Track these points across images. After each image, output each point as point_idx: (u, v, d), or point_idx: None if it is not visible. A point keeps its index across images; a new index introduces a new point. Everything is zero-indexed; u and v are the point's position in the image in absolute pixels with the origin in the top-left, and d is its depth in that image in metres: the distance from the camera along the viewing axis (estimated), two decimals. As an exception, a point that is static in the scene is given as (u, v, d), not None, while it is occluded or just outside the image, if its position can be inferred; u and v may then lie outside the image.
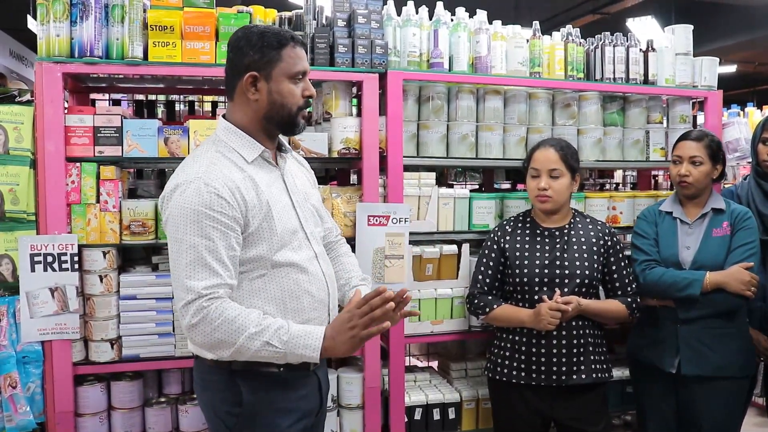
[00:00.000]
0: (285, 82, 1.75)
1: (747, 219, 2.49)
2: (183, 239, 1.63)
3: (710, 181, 2.54)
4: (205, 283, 1.62)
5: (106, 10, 2.40)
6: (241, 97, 1.78)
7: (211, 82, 2.90)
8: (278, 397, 1.77)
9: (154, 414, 2.58)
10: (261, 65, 1.73)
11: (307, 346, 1.65)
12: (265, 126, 1.80)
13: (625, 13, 8.98)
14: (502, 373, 2.46)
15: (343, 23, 2.69)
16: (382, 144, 2.66)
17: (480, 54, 2.82)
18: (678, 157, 2.55)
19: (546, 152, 2.45)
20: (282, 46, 1.74)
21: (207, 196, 1.64)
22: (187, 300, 1.62)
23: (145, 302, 2.48)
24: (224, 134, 1.80)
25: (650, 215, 2.63)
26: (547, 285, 2.40)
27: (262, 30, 1.75)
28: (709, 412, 2.45)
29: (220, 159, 1.73)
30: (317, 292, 1.82)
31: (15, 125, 2.36)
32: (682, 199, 2.59)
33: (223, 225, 1.65)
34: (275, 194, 1.78)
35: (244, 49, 1.74)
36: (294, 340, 1.64)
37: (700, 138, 2.53)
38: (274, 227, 1.74)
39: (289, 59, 1.75)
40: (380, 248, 2.61)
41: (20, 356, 2.34)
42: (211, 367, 1.76)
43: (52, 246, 2.34)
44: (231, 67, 1.78)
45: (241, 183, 1.70)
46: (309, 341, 1.65)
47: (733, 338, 2.47)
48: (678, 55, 3.14)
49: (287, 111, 1.78)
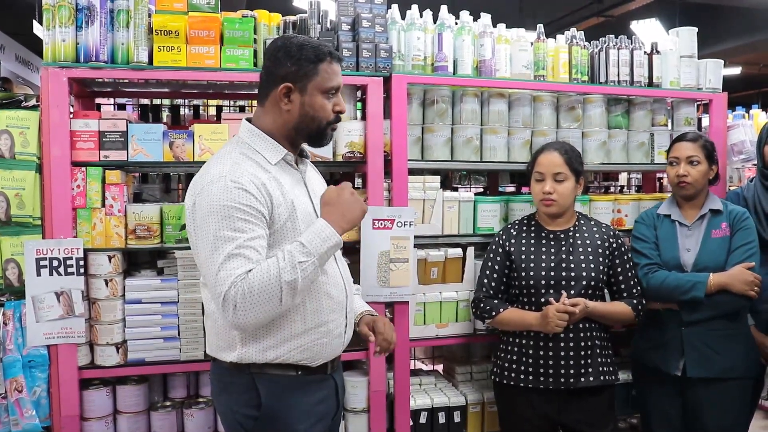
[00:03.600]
0: (318, 96, 1.78)
1: (745, 219, 2.51)
2: (216, 236, 1.63)
3: (707, 182, 2.56)
4: (239, 271, 1.61)
5: (112, 15, 2.41)
6: (274, 106, 1.79)
7: (216, 86, 2.91)
8: (297, 400, 1.77)
9: (160, 418, 2.59)
10: (297, 77, 1.75)
11: (324, 239, 1.68)
12: (294, 136, 1.83)
13: (629, 15, 8.96)
14: (509, 377, 2.45)
15: (348, 27, 2.69)
16: (387, 147, 2.66)
17: (484, 57, 2.82)
18: (675, 159, 2.57)
19: (550, 156, 2.44)
20: (320, 61, 1.76)
21: (234, 192, 1.65)
22: (225, 291, 1.60)
23: (151, 306, 2.49)
24: (248, 137, 1.81)
25: (648, 218, 2.63)
26: (553, 288, 2.39)
27: (301, 42, 1.77)
28: (715, 413, 2.45)
29: (244, 160, 1.74)
30: (336, 293, 1.83)
31: (21, 130, 2.37)
32: (680, 201, 2.60)
33: (253, 217, 1.66)
34: (298, 196, 1.80)
35: (282, 59, 1.75)
36: (312, 244, 1.66)
37: (696, 139, 2.57)
38: (298, 227, 1.75)
39: (325, 74, 1.77)
40: (385, 252, 2.60)
41: (26, 360, 2.35)
42: (230, 370, 1.77)
43: (58, 250, 2.35)
44: (267, 74, 1.80)
45: (267, 181, 1.72)
46: (322, 233, 1.68)
47: (736, 339, 2.48)
48: (683, 58, 3.13)
49: (317, 124, 1.80)
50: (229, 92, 3.11)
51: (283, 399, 1.76)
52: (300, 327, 1.76)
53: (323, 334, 1.80)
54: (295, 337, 1.74)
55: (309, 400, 1.79)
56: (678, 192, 2.58)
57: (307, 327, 1.77)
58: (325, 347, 1.81)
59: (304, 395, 1.78)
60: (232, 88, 2.96)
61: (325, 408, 1.85)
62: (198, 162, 2.49)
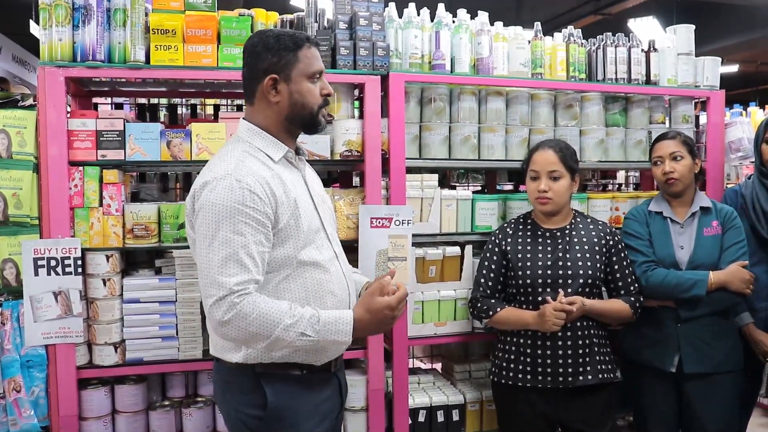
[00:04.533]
0: (305, 82, 1.79)
1: (735, 218, 2.58)
2: (215, 235, 1.63)
3: (693, 177, 2.59)
4: (236, 279, 1.61)
5: (108, 14, 2.41)
6: (262, 101, 1.80)
7: (213, 85, 2.91)
8: (302, 400, 1.77)
9: (158, 417, 2.58)
10: (279, 67, 1.76)
11: (339, 332, 1.67)
12: (288, 127, 1.83)
13: (627, 13, 8.98)
14: (508, 376, 2.45)
15: (345, 25, 2.69)
16: (385, 146, 2.66)
17: (482, 55, 2.82)
18: (659, 158, 2.60)
19: (545, 154, 2.44)
20: (298, 48, 1.77)
21: (239, 192, 1.64)
22: (218, 296, 1.60)
23: (149, 305, 2.49)
24: (248, 135, 1.81)
25: (640, 215, 2.64)
26: (550, 286, 2.39)
27: (277, 33, 1.78)
28: (711, 407, 2.49)
29: (248, 157, 1.74)
30: (339, 291, 1.83)
31: (18, 129, 2.37)
32: (669, 199, 2.62)
33: (255, 221, 1.65)
34: (300, 195, 1.80)
35: (262, 53, 1.76)
36: (326, 327, 1.66)
37: (675, 136, 2.62)
38: (301, 225, 1.75)
39: (306, 59, 1.78)
40: (383, 250, 2.60)
41: (24, 360, 2.35)
42: (235, 369, 1.76)
43: (56, 250, 2.34)
44: (249, 71, 1.80)
45: (270, 179, 1.72)
46: (340, 326, 1.68)
47: (728, 334, 2.55)
48: (680, 55, 3.13)
49: (308, 110, 1.81)
50: (226, 91, 3.11)
51: (289, 398, 1.76)
52: None
53: None
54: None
55: (314, 399, 1.79)
56: (667, 189, 2.60)
57: None
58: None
59: (310, 394, 1.78)
60: (230, 86, 2.96)
61: (330, 406, 1.85)
62: (195, 161, 2.49)
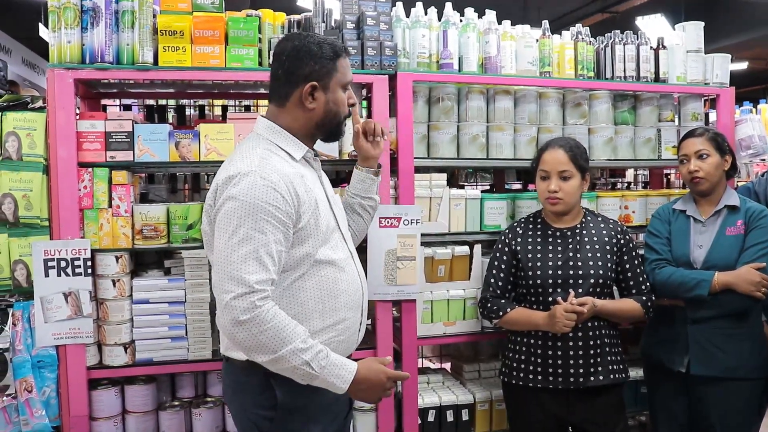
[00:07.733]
0: (339, 92, 1.83)
1: (762, 217, 2.44)
2: (236, 231, 1.62)
3: (722, 174, 2.51)
4: (256, 276, 1.60)
5: (117, 16, 2.42)
6: (297, 105, 1.81)
7: (221, 86, 2.91)
8: (312, 400, 1.77)
9: (168, 418, 2.59)
10: (320, 75, 1.79)
11: (339, 377, 1.66)
12: (314, 132, 1.86)
13: (635, 11, 8.95)
14: (518, 377, 2.43)
15: (352, 25, 2.69)
16: (393, 146, 2.66)
17: (490, 54, 2.81)
18: (684, 156, 2.54)
19: (555, 153, 2.42)
20: (337, 57, 1.81)
21: (263, 189, 1.64)
22: (238, 293, 1.59)
23: (158, 306, 2.49)
24: (268, 133, 1.81)
25: (664, 214, 2.61)
26: (561, 286, 2.37)
27: (318, 40, 1.80)
28: (720, 413, 2.42)
29: (271, 155, 1.75)
30: (353, 292, 1.84)
31: (28, 132, 2.38)
32: (696, 197, 2.56)
33: (276, 219, 1.65)
34: (318, 194, 1.82)
35: (304, 58, 1.77)
36: (330, 367, 1.65)
37: (702, 133, 2.53)
38: (320, 223, 1.76)
39: (342, 69, 1.82)
40: (392, 250, 2.60)
41: (35, 360, 2.36)
42: (246, 369, 1.76)
43: (66, 251, 2.35)
44: (287, 74, 1.80)
45: (293, 178, 1.72)
46: (342, 372, 1.67)
47: (744, 339, 2.43)
48: (689, 53, 3.11)
49: (338, 119, 1.85)
50: (234, 92, 3.11)
51: (300, 398, 1.75)
52: (318, 324, 1.76)
53: (340, 332, 1.81)
54: (313, 336, 1.72)
55: (324, 399, 1.79)
56: (693, 188, 2.54)
57: (325, 324, 1.77)
58: (341, 345, 1.81)
59: (320, 394, 1.77)
60: (238, 87, 2.96)
61: (340, 406, 1.86)
62: (204, 162, 2.50)
